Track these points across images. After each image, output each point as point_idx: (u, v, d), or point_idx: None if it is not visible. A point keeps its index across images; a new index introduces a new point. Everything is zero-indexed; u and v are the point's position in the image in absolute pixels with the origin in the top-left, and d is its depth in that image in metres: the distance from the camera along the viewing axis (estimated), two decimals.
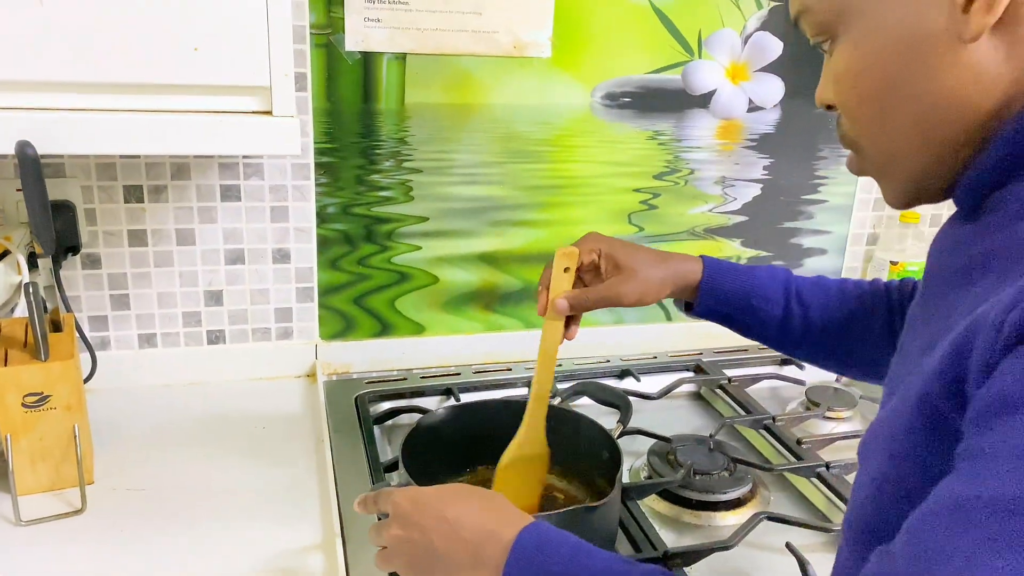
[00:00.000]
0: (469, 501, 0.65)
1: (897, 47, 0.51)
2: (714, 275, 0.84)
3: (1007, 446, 0.40)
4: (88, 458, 0.92)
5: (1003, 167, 0.50)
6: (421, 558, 0.64)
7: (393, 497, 0.68)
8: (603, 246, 0.84)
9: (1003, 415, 0.41)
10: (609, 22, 1.18)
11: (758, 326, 0.86)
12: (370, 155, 1.16)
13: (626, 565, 0.56)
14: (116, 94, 0.77)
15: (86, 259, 1.10)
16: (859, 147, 0.57)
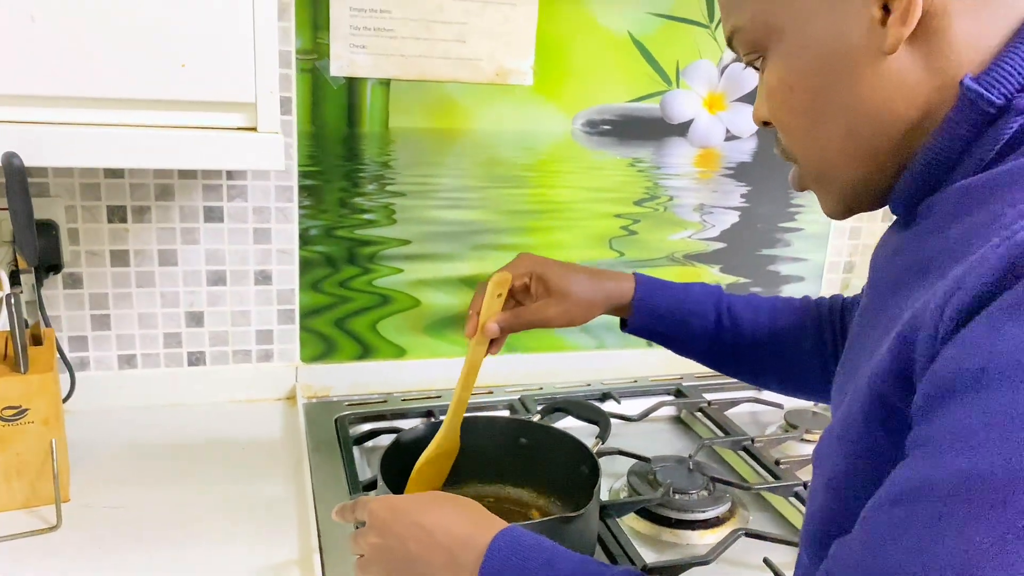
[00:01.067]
0: (444, 508, 0.66)
1: (823, 61, 0.53)
2: (646, 293, 0.86)
3: (951, 430, 0.41)
4: (64, 475, 0.91)
5: (932, 173, 0.52)
6: (398, 565, 0.65)
7: (370, 505, 0.68)
8: (536, 268, 0.85)
9: (945, 400, 0.42)
10: (589, 52, 1.21)
11: (690, 341, 0.87)
12: (353, 178, 1.17)
13: (599, 566, 0.57)
14: (104, 109, 0.78)
15: (68, 278, 1.10)
16: (797, 160, 0.59)
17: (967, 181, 0.50)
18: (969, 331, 0.42)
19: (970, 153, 0.50)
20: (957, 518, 0.39)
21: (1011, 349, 0.39)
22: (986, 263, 0.42)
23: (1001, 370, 0.39)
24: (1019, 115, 0.47)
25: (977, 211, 0.47)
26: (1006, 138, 0.48)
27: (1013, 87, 0.48)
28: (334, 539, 0.87)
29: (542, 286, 0.85)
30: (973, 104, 0.49)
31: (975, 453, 0.40)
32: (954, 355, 0.42)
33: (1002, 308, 0.40)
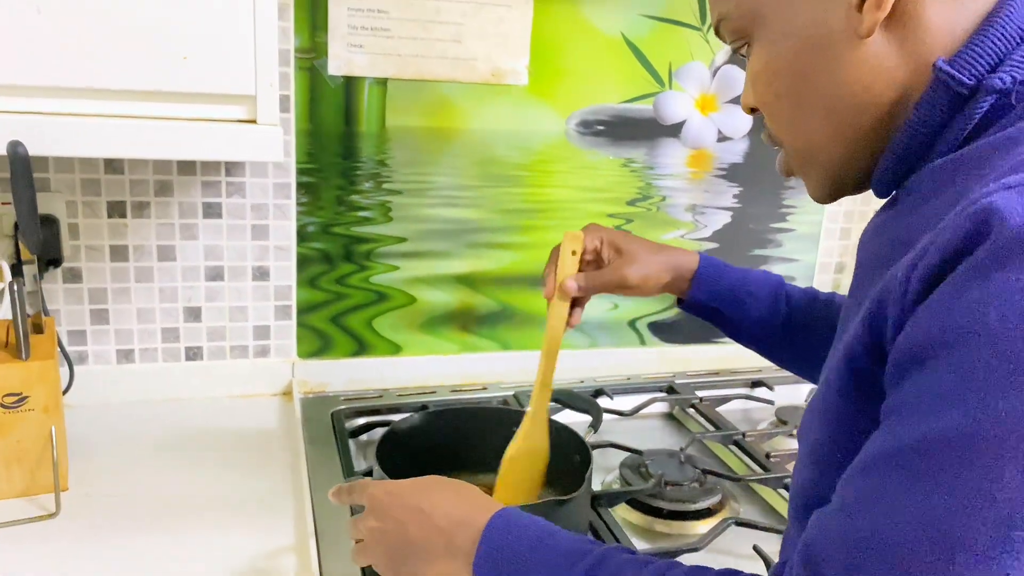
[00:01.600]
0: (443, 491, 0.67)
1: (805, 46, 0.55)
2: (708, 268, 0.87)
3: (916, 396, 0.43)
4: (63, 463, 0.93)
5: (909, 154, 0.54)
6: (397, 548, 0.66)
7: (369, 489, 0.70)
8: (604, 234, 0.86)
9: (915, 366, 0.44)
10: (584, 53, 1.23)
11: (743, 323, 0.87)
12: (350, 176, 1.19)
13: (591, 544, 0.58)
14: (106, 100, 0.79)
15: (67, 273, 1.11)
16: (782, 144, 0.61)
17: (941, 160, 0.52)
18: (933, 297, 0.43)
19: (945, 133, 0.52)
20: (925, 481, 0.41)
21: (970, 313, 0.41)
22: (948, 230, 0.43)
23: (962, 333, 0.41)
24: (990, 95, 0.49)
25: (950, 188, 0.49)
26: (978, 118, 0.50)
27: (984, 68, 0.50)
28: (329, 526, 0.88)
29: (613, 250, 0.86)
30: (946, 85, 0.51)
31: (939, 416, 0.41)
32: (919, 323, 0.44)
33: (963, 273, 0.42)
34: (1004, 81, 0.49)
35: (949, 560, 0.40)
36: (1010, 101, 0.49)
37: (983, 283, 0.41)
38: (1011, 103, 0.49)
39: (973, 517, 0.39)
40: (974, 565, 0.39)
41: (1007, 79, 0.49)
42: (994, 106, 0.49)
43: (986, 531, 0.39)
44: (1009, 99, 0.49)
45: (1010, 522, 0.39)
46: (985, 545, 0.39)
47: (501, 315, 1.32)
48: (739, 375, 1.36)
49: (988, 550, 0.39)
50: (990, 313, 0.40)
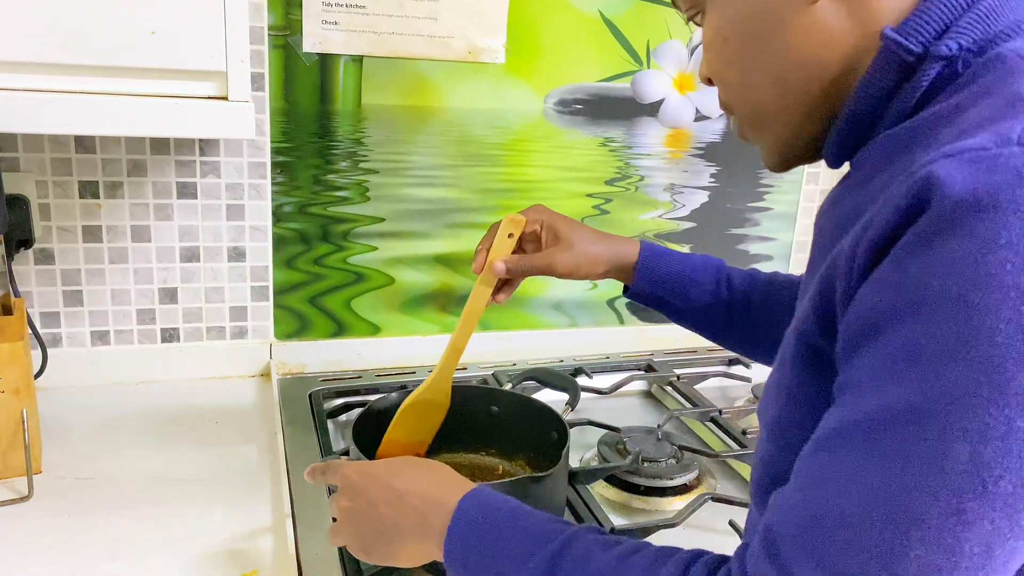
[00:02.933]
0: (416, 471, 0.67)
1: (753, 12, 0.55)
2: (650, 257, 0.87)
3: (867, 370, 0.43)
4: (36, 446, 0.92)
5: (858, 123, 0.54)
6: (369, 528, 0.65)
7: (342, 470, 0.69)
8: (546, 217, 0.87)
9: (864, 341, 0.44)
10: (561, 31, 1.23)
11: (688, 309, 0.88)
12: (326, 155, 1.18)
13: (560, 525, 0.58)
14: (72, 75, 0.78)
15: (39, 254, 1.10)
16: (733, 110, 0.61)
17: (890, 131, 0.51)
18: (879, 270, 0.43)
19: (893, 103, 0.51)
20: (876, 457, 0.41)
21: (915, 284, 0.41)
22: (891, 201, 0.43)
23: (905, 306, 0.41)
24: (936, 62, 0.49)
25: (898, 160, 0.49)
26: (925, 86, 0.50)
27: (930, 35, 0.49)
28: (307, 506, 0.87)
29: (552, 235, 0.86)
30: (893, 53, 0.50)
31: (888, 391, 0.41)
32: (865, 298, 0.44)
33: (905, 245, 0.42)
34: (951, 48, 0.48)
35: (903, 535, 0.40)
36: (956, 68, 0.49)
37: (924, 253, 0.41)
38: (957, 70, 0.49)
39: (924, 491, 0.39)
40: (928, 539, 0.39)
41: (953, 46, 0.48)
42: (941, 74, 0.49)
43: (938, 505, 0.39)
44: (955, 66, 0.49)
45: (960, 494, 0.39)
46: (938, 519, 0.39)
47: None
48: (716, 353, 1.37)
49: (941, 524, 0.39)
50: (932, 283, 0.40)
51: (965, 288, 0.39)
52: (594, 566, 0.53)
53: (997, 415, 0.38)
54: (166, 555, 0.81)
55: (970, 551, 0.39)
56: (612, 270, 0.87)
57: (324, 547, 0.81)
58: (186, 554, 0.81)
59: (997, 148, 0.40)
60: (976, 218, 0.39)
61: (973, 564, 0.39)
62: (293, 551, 0.80)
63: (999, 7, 0.49)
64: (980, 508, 0.39)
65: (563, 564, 0.54)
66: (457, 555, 0.59)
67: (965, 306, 0.39)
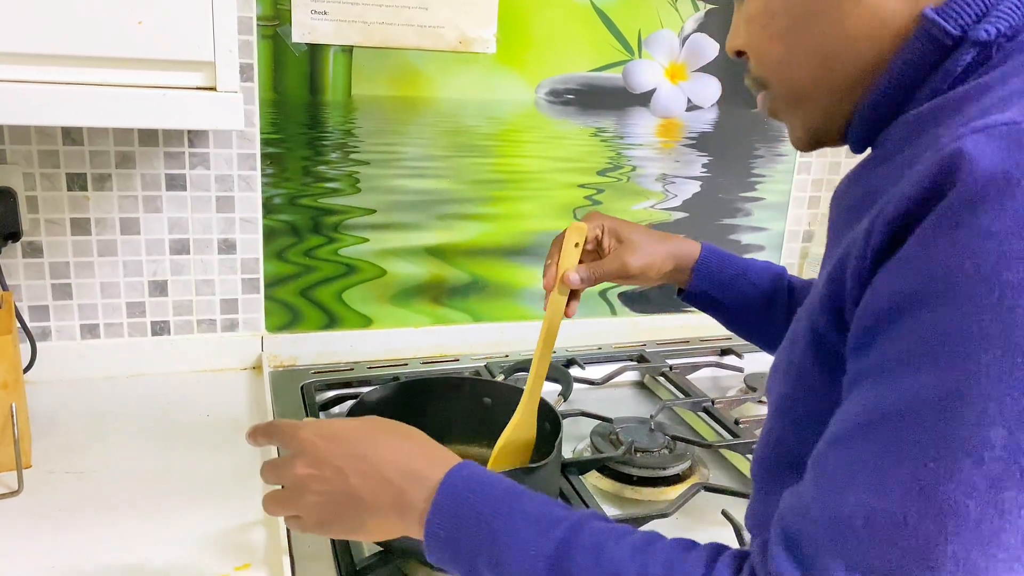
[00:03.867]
0: (389, 438, 0.61)
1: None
2: (711, 257, 0.85)
3: (894, 356, 0.42)
4: (26, 440, 0.91)
5: (886, 104, 0.53)
6: (332, 500, 0.59)
7: (300, 433, 0.61)
8: (606, 223, 0.85)
9: (884, 327, 0.43)
10: (552, 20, 1.22)
11: (743, 314, 0.86)
12: (316, 146, 1.17)
13: (563, 510, 0.55)
14: (59, 66, 0.77)
15: (27, 247, 1.09)
16: (768, 86, 0.59)
17: (919, 109, 0.50)
18: (904, 250, 0.42)
19: (925, 85, 0.50)
20: (909, 447, 0.40)
21: (944, 264, 0.39)
22: (915, 177, 0.42)
23: (936, 287, 0.40)
24: (973, 47, 0.48)
25: (921, 137, 0.48)
26: (959, 70, 0.49)
27: (970, 18, 0.48)
28: None
29: (615, 239, 0.84)
30: (930, 35, 0.49)
31: (915, 377, 0.40)
32: (889, 278, 0.42)
33: (932, 223, 0.40)
34: (989, 33, 0.47)
35: (940, 528, 0.38)
36: (991, 53, 0.48)
37: (954, 232, 0.39)
38: (991, 55, 0.48)
39: (961, 481, 0.38)
40: (965, 531, 0.38)
41: (992, 31, 0.47)
42: (974, 57, 0.48)
43: (975, 494, 0.38)
44: (990, 51, 0.48)
45: (999, 483, 0.38)
46: (976, 509, 0.38)
47: (472, 287, 1.31)
48: (708, 343, 1.37)
49: (979, 513, 0.38)
50: (964, 263, 0.39)
51: (999, 268, 0.38)
52: (607, 557, 0.50)
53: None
54: (157, 549, 0.80)
55: (1007, 541, 0.38)
56: (676, 269, 0.85)
57: (317, 541, 0.81)
58: (178, 548, 0.81)
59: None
60: (1007, 194, 0.38)
61: (1009, 556, 0.38)
62: (285, 544, 0.80)
63: None
64: (1018, 496, 0.38)
65: (572, 554, 0.51)
66: (440, 537, 0.55)
67: (999, 287, 0.38)
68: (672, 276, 0.86)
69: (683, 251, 0.85)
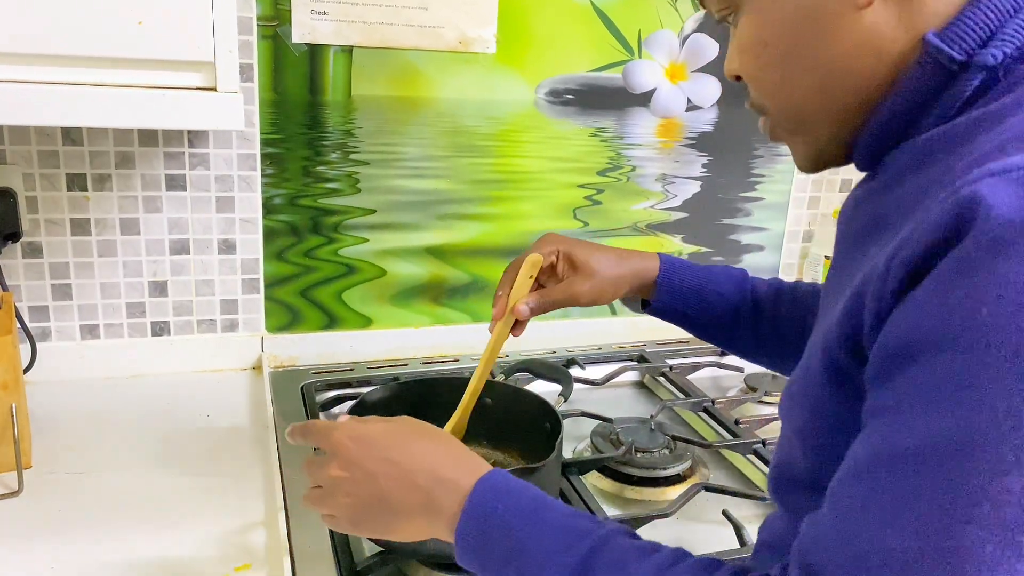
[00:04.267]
0: (420, 442, 0.62)
1: (797, 16, 0.52)
2: (671, 270, 0.85)
3: (908, 396, 0.42)
4: (26, 441, 0.91)
5: (893, 127, 0.52)
6: (364, 502, 0.61)
7: (333, 435, 0.63)
8: (561, 247, 0.84)
9: (900, 366, 0.42)
10: (552, 20, 1.22)
11: (711, 324, 0.85)
12: (316, 147, 1.17)
13: (591, 523, 0.55)
14: (59, 67, 0.77)
15: (27, 247, 1.09)
16: (768, 112, 0.59)
17: (926, 135, 0.50)
18: (920, 291, 0.42)
19: (931, 109, 0.50)
20: (924, 487, 0.39)
21: (962, 310, 0.39)
22: (931, 219, 0.41)
23: (954, 331, 0.39)
24: (980, 71, 0.47)
25: (932, 164, 0.47)
26: (966, 95, 0.48)
27: (975, 42, 0.48)
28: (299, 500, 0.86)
29: (568, 264, 0.84)
30: (935, 60, 0.48)
31: (936, 418, 0.40)
32: (905, 318, 0.42)
33: (949, 267, 0.40)
34: (996, 57, 0.47)
35: (957, 570, 0.38)
36: (998, 76, 0.47)
37: (971, 278, 0.39)
38: (998, 78, 0.47)
39: (978, 524, 0.38)
40: (982, 574, 0.38)
41: (999, 55, 0.47)
42: (982, 81, 0.48)
43: (992, 539, 0.37)
44: (997, 74, 0.47)
45: (1015, 527, 0.37)
46: (992, 552, 0.37)
47: (472, 287, 1.31)
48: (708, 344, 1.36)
49: (995, 557, 0.37)
50: (982, 310, 0.38)
51: (1016, 314, 0.37)
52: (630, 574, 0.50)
53: None
54: (158, 549, 0.80)
55: None
56: (633, 289, 0.85)
57: (317, 541, 0.81)
58: (178, 548, 0.81)
59: None
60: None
61: None
62: (286, 544, 0.80)
63: None
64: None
65: (595, 570, 0.51)
66: (469, 542, 0.56)
67: (1016, 332, 0.37)
68: (635, 293, 0.86)
69: (640, 270, 0.85)
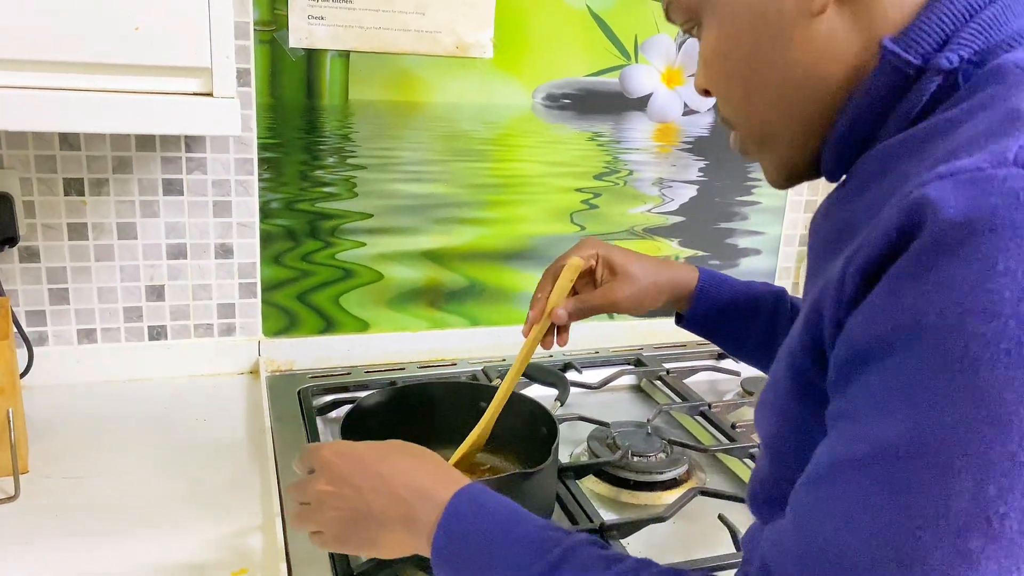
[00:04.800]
0: (403, 458, 0.64)
1: (754, 26, 0.53)
2: (710, 283, 0.84)
3: (862, 401, 0.42)
4: (22, 445, 0.91)
5: (855, 135, 0.53)
6: (350, 515, 0.62)
7: (321, 452, 0.65)
8: (601, 251, 0.84)
9: (855, 372, 0.43)
10: (549, 25, 1.22)
11: (747, 340, 0.84)
12: (314, 151, 1.17)
13: (559, 533, 0.55)
14: (57, 72, 0.77)
15: (24, 252, 1.09)
16: (735, 127, 0.59)
17: (885, 143, 0.50)
18: (873, 296, 0.42)
19: (892, 114, 0.50)
20: (874, 493, 0.40)
21: (911, 314, 0.39)
22: (882, 224, 0.42)
23: (902, 336, 0.40)
24: (937, 75, 0.48)
25: (891, 173, 0.48)
26: (925, 99, 0.48)
27: (931, 46, 0.48)
28: None
29: (607, 270, 0.83)
30: (892, 65, 0.49)
31: (885, 424, 0.40)
32: (858, 324, 0.43)
33: (898, 271, 0.40)
34: (951, 61, 0.47)
35: (906, 571, 0.38)
36: (957, 81, 0.47)
37: (918, 280, 0.39)
38: (957, 83, 0.48)
39: (927, 531, 0.38)
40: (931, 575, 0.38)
41: (954, 58, 0.47)
42: (941, 86, 0.48)
43: (941, 544, 0.37)
44: (956, 78, 0.47)
45: (965, 532, 0.37)
46: (941, 559, 0.37)
47: (469, 291, 1.31)
48: (705, 347, 1.37)
49: (944, 563, 0.37)
50: (928, 312, 0.38)
51: (962, 317, 0.37)
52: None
53: (1000, 451, 0.36)
54: (154, 555, 0.80)
55: None
56: (671, 299, 0.84)
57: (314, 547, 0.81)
58: (175, 553, 0.81)
59: (992, 168, 0.39)
60: (972, 243, 0.38)
61: None
62: (282, 549, 0.80)
63: (1002, 16, 0.48)
64: (986, 548, 0.37)
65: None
66: (444, 554, 0.57)
67: (962, 336, 0.37)
68: (668, 306, 0.85)
69: (679, 280, 0.84)
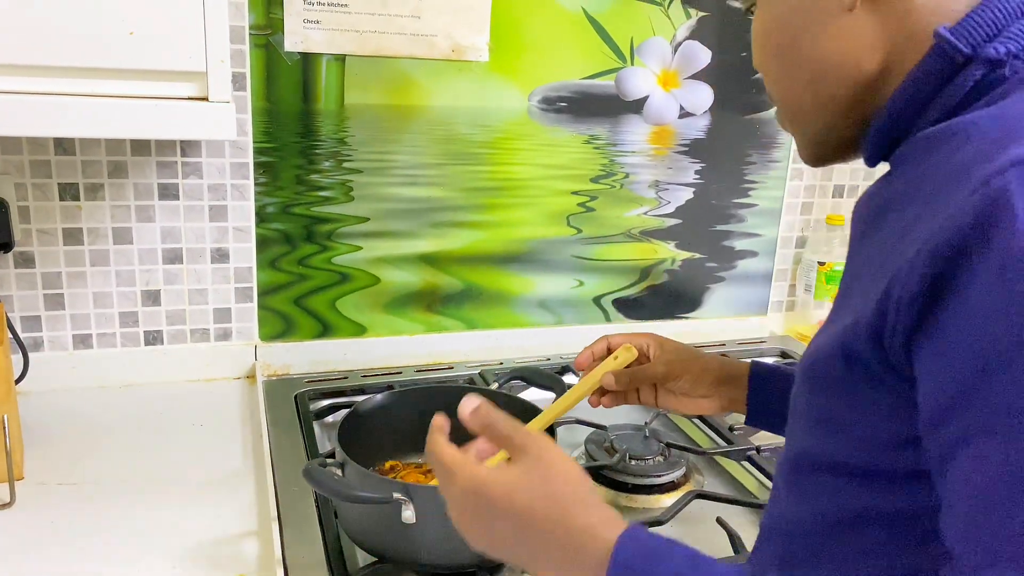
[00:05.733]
0: None
1: (794, 13, 0.58)
2: (760, 366, 0.83)
3: (990, 420, 0.41)
4: (18, 452, 0.91)
5: (898, 122, 0.55)
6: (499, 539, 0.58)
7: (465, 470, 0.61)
8: (656, 338, 0.86)
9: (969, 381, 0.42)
10: (545, 28, 1.22)
11: None
12: (310, 155, 1.17)
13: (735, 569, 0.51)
14: (52, 77, 0.77)
15: (19, 257, 1.09)
16: (774, 101, 0.64)
17: (931, 129, 0.52)
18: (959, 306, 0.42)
19: (935, 102, 0.53)
20: None
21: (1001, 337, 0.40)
22: (955, 215, 0.43)
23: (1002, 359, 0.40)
24: (982, 64, 0.50)
25: (935, 155, 0.50)
26: (969, 87, 0.51)
27: (981, 37, 0.51)
28: (292, 511, 0.87)
29: (659, 349, 0.85)
30: (943, 53, 0.51)
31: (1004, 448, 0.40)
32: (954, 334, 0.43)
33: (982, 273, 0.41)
34: (999, 51, 0.49)
35: None
36: (1003, 73, 0.50)
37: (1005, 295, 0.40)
38: (1003, 75, 0.50)
39: None
40: None
41: (1001, 49, 0.49)
42: (986, 76, 0.50)
43: None
44: (1002, 70, 0.50)
45: None
46: None
47: (466, 294, 1.31)
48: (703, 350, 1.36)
49: None
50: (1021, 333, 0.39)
51: None
52: None
53: None
54: (151, 560, 0.80)
55: None
56: (719, 381, 0.83)
57: (310, 552, 0.81)
58: (171, 559, 0.80)
59: None
60: None
61: None
62: (279, 554, 0.79)
63: None
64: None
65: None
66: None
67: None
68: (719, 392, 0.84)
69: (729, 362, 0.85)
